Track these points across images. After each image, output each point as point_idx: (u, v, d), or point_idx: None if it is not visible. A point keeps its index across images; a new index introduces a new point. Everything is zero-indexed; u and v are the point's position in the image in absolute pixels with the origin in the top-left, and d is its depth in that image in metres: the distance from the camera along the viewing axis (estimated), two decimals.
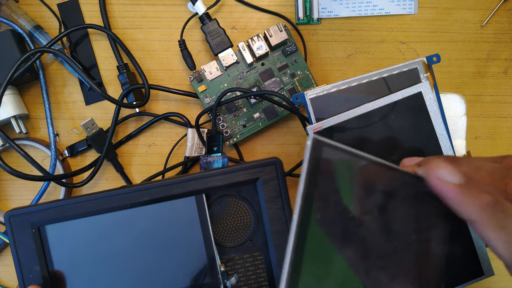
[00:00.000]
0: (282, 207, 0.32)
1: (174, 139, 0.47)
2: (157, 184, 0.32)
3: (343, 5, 0.47)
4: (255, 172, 0.32)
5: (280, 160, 0.32)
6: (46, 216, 0.31)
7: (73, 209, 0.31)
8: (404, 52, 0.48)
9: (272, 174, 0.32)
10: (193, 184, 0.32)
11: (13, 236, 0.31)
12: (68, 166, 0.46)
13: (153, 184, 0.32)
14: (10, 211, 0.31)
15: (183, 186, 0.32)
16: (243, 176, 0.32)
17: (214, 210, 0.33)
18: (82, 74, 0.41)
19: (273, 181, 0.32)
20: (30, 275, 0.31)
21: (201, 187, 0.32)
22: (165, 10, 0.47)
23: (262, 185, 0.32)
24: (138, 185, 0.32)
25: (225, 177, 0.32)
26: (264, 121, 0.45)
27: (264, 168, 0.32)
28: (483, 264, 0.36)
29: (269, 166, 0.32)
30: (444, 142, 0.36)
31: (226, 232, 0.33)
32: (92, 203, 0.31)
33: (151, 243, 0.32)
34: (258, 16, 0.47)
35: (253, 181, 0.32)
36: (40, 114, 0.46)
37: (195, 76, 0.44)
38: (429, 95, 0.36)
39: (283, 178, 0.32)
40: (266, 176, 0.32)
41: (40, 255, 0.31)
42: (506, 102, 0.48)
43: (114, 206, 0.31)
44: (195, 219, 0.32)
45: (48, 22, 0.46)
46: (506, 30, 0.48)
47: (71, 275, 0.32)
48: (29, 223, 0.31)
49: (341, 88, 0.36)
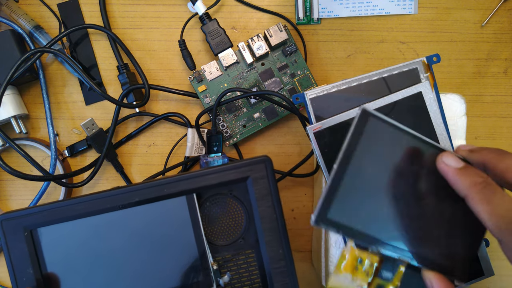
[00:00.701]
0: (272, 205, 0.33)
1: (174, 139, 0.47)
2: (147, 185, 0.32)
3: (343, 5, 0.47)
4: (245, 170, 0.32)
5: (269, 158, 0.33)
6: (38, 219, 0.31)
7: (65, 212, 0.31)
8: (404, 52, 0.48)
9: (262, 172, 0.32)
10: (184, 184, 0.32)
11: (6, 240, 0.31)
12: (68, 166, 0.46)
13: (144, 185, 0.32)
14: (2, 215, 0.31)
15: (173, 186, 0.32)
16: (233, 175, 0.32)
17: (205, 209, 0.33)
18: (82, 74, 0.41)
19: (263, 179, 0.32)
20: (23, 278, 0.31)
21: (192, 187, 0.32)
22: (165, 10, 0.47)
23: (252, 184, 0.32)
24: (129, 186, 0.32)
25: (215, 176, 0.32)
26: (264, 121, 0.45)
27: (254, 167, 0.32)
28: (483, 264, 0.36)
29: (259, 164, 0.32)
30: (444, 142, 0.36)
31: (218, 230, 0.34)
32: (84, 205, 0.31)
33: (143, 244, 0.32)
34: (258, 16, 0.47)
35: (243, 179, 0.33)
36: (40, 114, 0.46)
37: (195, 76, 0.44)
38: (429, 95, 0.36)
39: (273, 176, 0.33)
40: (256, 174, 0.32)
41: (33, 258, 0.31)
42: (506, 102, 0.48)
43: (105, 207, 0.31)
44: (186, 219, 0.32)
45: (48, 22, 0.46)
46: (506, 30, 0.48)
47: (65, 276, 0.32)
48: (22, 227, 0.31)
49: (341, 88, 0.36)
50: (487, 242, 0.37)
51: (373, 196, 0.29)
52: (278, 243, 0.32)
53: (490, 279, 0.47)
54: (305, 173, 0.45)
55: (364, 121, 0.29)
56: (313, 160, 0.46)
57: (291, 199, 0.47)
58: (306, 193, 0.47)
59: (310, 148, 0.47)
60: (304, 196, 0.47)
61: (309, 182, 0.47)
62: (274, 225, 0.32)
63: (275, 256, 0.32)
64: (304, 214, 0.47)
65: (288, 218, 0.47)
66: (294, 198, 0.47)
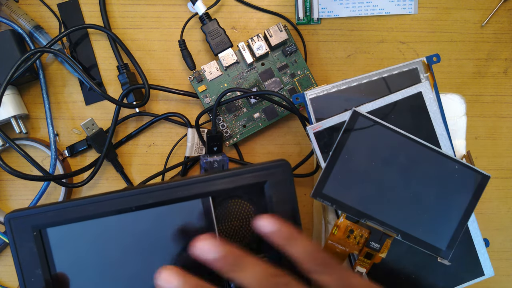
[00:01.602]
0: (290, 209, 0.32)
1: (174, 139, 0.47)
2: (161, 186, 0.31)
3: (343, 5, 0.47)
4: (263, 174, 0.32)
5: (288, 163, 0.32)
6: (48, 218, 0.30)
7: (75, 212, 0.30)
8: (404, 52, 0.48)
9: (280, 177, 0.32)
10: (199, 187, 0.31)
11: (14, 239, 0.30)
12: (68, 166, 0.46)
13: (158, 187, 0.31)
14: (11, 213, 0.30)
15: (188, 189, 0.31)
16: (250, 179, 0.32)
17: (220, 212, 0.33)
18: (82, 74, 0.41)
19: (281, 184, 0.32)
20: (31, 279, 0.30)
21: (207, 190, 0.31)
22: (165, 10, 0.47)
23: (269, 188, 0.32)
24: (142, 188, 0.31)
25: (232, 180, 0.31)
26: (264, 121, 0.45)
27: (271, 171, 0.32)
28: (483, 264, 0.36)
29: (277, 168, 0.32)
30: (444, 142, 0.36)
31: (232, 233, 0.33)
32: (95, 206, 0.30)
33: (156, 247, 0.31)
34: (258, 16, 0.47)
35: (260, 184, 0.32)
36: (40, 114, 0.46)
37: (195, 76, 0.44)
38: (429, 95, 0.36)
39: (291, 181, 0.32)
40: (274, 178, 0.32)
41: (42, 258, 0.31)
42: (506, 102, 0.48)
43: (117, 209, 0.31)
44: (201, 222, 0.32)
45: (48, 22, 0.46)
46: (506, 30, 0.48)
47: (75, 277, 0.31)
48: (30, 226, 0.30)
49: (341, 88, 0.36)
50: (487, 242, 0.37)
51: (361, 177, 0.34)
52: None
53: (490, 279, 0.47)
54: (305, 173, 0.45)
55: (355, 119, 0.35)
56: (313, 160, 0.46)
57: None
58: (306, 193, 0.47)
59: (310, 148, 0.47)
60: (304, 196, 0.47)
61: (309, 182, 0.47)
62: None
63: None
64: (304, 214, 0.47)
65: None
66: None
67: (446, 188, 0.35)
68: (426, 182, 0.35)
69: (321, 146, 0.35)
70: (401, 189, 0.35)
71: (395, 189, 0.35)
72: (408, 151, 0.35)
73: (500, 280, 0.48)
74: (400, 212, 0.35)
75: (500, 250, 0.47)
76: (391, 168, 0.35)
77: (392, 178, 0.35)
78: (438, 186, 0.35)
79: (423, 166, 0.35)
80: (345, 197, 0.34)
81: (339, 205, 0.34)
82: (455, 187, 0.35)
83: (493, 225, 0.48)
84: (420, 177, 0.35)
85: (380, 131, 0.35)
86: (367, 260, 0.35)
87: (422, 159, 0.35)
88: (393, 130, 0.35)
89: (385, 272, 0.36)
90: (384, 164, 0.35)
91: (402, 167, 0.35)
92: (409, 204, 0.35)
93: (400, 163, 0.35)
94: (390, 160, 0.35)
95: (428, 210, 0.35)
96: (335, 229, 0.35)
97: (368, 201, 0.35)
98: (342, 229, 0.35)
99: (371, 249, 0.35)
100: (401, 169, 0.35)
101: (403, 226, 0.35)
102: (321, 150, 0.35)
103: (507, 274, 0.48)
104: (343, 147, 0.34)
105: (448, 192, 0.35)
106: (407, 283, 0.36)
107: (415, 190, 0.35)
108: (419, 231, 0.35)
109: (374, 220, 0.34)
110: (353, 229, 0.35)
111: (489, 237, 0.47)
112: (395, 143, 0.35)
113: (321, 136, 0.35)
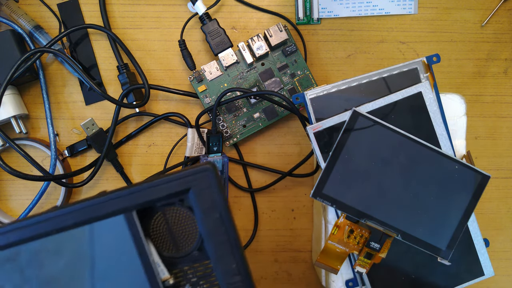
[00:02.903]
0: (219, 217, 0.30)
1: (174, 139, 0.47)
2: (81, 205, 0.29)
3: (343, 5, 0.47)
4: (185, 182, 0.30)
5: (212, 168, 0.30)
6: None
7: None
8: (404, 52, 0.48)
9: (205, 183, 0.30)
10: (119, 202, 0.30)
11: None
12: (68, 166, 0.46)
13: (76, 206, 0.29)
14: None
15: (109, 205, 0.29)
16: (172, 187, 0.30)
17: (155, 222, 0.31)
18: (82, 74, 0.41)
19: (207, 190, 0.30)
20: None
21: (130, 204, 0.30)
22: (165, 10, 0.47)
23: (194, 196, 0.30)
24: (61, 208, 0.29)
25: (152, 190, 0.30)
26: (264, 121, 0.45)
27: (195, 177, 0.30)
28: (483, 264, 0.36)
29: (201, 174, 0.30)
30: (444, 142, 0.36)
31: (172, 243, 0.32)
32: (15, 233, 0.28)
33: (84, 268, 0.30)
34: (258, 16, 0.47)
35: (184, 192, 0.30)
36: (40, 114, 0.46)
37: (195, 76, 0.44)
38: (429, 95, 0.36)
39: (218, 186, 0.30)
40: (199, 185, 0.30)
41: None
42: (506, 102, 0.48)
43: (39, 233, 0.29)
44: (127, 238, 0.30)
45: (48, 22, 0.46)
46: (506, 30, 0.48)
47: None
48: None
49: (341, 88, 0.36)
50: (487, 242, 0.37)
51: (361, 177, 0.35)
52: (230, 257, 0.30)
53: (490, 279, 0.47)
54: (305, 173, 0.45)
55: (355, 119, 0.35)
56: (313, 160, 0.46)
57: (291, 199, 0.47)
58: (306, 193, 0.47)
59: (310, 148, 0.47)
60: (304, 196, 0.47)
61: (309, 182, 0.47)
62: (224, 238, 0.30)
63: (228, 271, 0.30)
64: (304, 214, 0.47)
65: (288, 218, 0.47)
66: (294, 198, 0.47)
67: (446, 188, 0.35)
68: (426, 182, 0.35)
69: (321, 146, 0.35)
70: (401, 189, 0.35)
71: (395, 189, 0.35)
72: (408, 151, 0.35)
73: (500, 280, 0.48)
74: (400, 212, 0.35)
75: (500, 250, 0.47)
76: (391, 168, 0.35)
77: (392, 178, 0.35)
78: (438, 186, 0.35)
79: (423, 166, 0.35)
80: (345, 197, 0.35)
81: (339, 205, 0.35)
82: (455, 187, 0.35)
83: (493, 225, 0.48)
84: (420, 177, 0.35)
85: (380, 131, 0.35)
86: (367, 260, 0.35)
87: (422, 159, 0.35)
88: (393, 130, 0.35)
89: (385, 272, 0.36)
90: (384, 164, 0.35)
91: (402, 167, 0.35)
92: (409, 204, 0.35)
93: (400, 163, 0.35)
94: (390, 160, 0.35)
95: (428, 210, 0.35)
96: (335, 229, 0.35)
97: (368, 201, 0.35)
98: (342, 229, 0.35)
99: (371, 249, 0.35)
100: (401, 169, 0.35)
101: (403, 226, 0.35)
102: (321, 150, 0.35)
103: (507, 274, 0.48)
104: (343, 147, 0.35)
105: (448, 192, 0.35)
106: (407, 283, 0.36)
107: (415, 190, 0.35)
108: (419, 231, 0.35)
109: (374, 220, 0.35)
110: (353, 229, 0.35)
111: (489, 237, 0.47)
112: (395, 143, 0.35)
113: (321, 136, 0.35)
